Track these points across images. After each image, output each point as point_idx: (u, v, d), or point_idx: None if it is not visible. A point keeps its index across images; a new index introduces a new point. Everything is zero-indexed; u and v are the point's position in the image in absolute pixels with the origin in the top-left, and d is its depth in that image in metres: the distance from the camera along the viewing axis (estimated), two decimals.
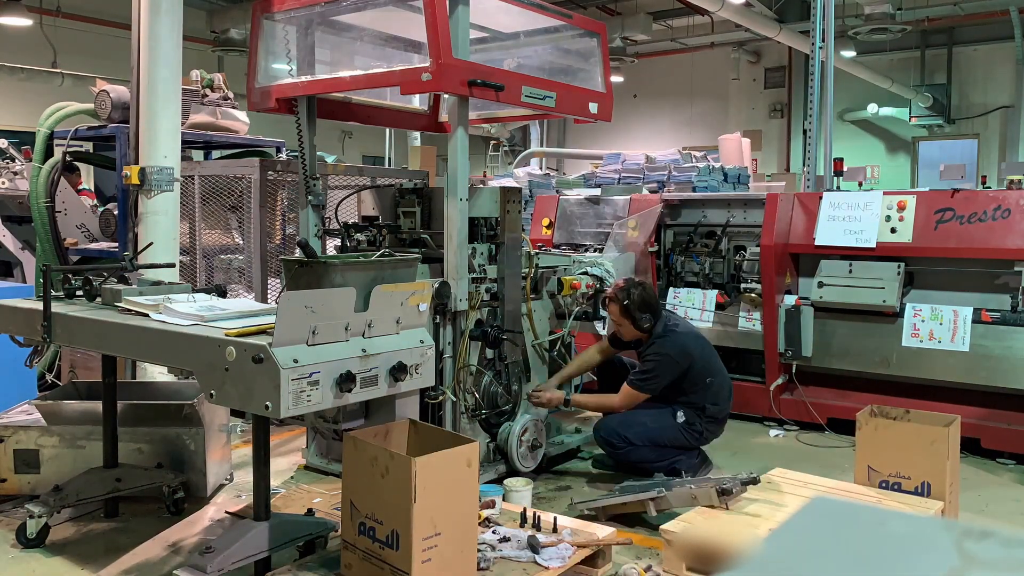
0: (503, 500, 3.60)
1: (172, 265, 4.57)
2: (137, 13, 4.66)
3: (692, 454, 4.46)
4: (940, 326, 5.03)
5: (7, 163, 7.36)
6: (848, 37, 13.93)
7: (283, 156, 6.71)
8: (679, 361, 4.38)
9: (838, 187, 8.38)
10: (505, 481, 3.93)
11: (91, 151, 6.96)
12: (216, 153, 6.74)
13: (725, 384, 4.57)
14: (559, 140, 21.66)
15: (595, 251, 6.25)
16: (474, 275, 4.13)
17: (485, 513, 3.34)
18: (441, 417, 4.04)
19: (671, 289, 6.13)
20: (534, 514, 3.35)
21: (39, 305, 3.33)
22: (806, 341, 5.47)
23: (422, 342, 3.00)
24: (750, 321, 5.72)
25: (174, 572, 2.84)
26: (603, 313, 4.83)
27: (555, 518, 3.34)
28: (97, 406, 3.78)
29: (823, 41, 7.47)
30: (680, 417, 4.38)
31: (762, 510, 3.43)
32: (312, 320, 2.64)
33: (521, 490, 3.85)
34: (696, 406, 4.41)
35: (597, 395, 4.71)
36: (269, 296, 5.35)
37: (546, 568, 2.99)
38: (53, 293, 3.38)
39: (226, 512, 3.82)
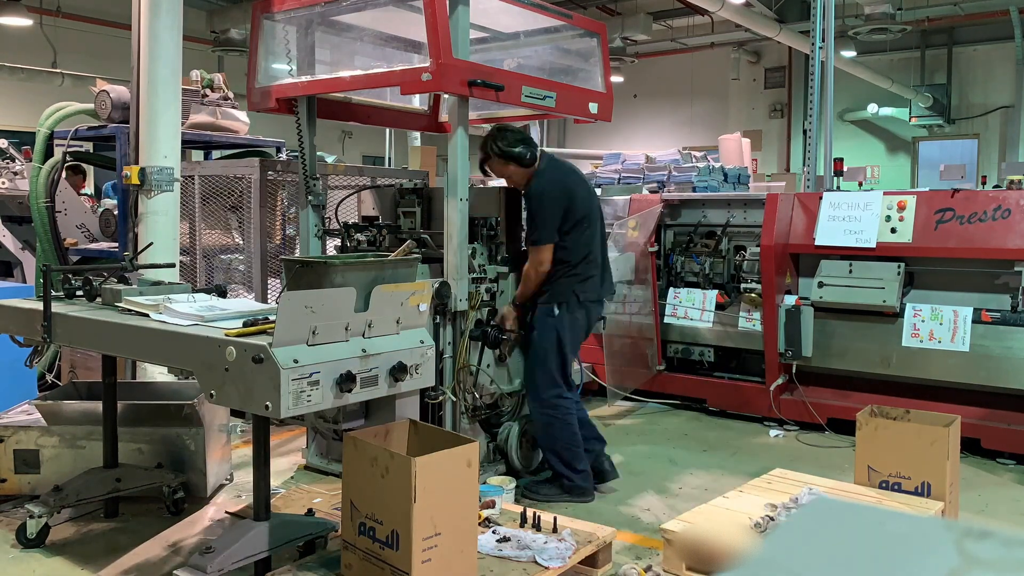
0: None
1: (172, 265, 4.57)
2: (137, 13, 4.66)
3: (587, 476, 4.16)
4: (940, 326, 5.03)
5: (7, 163, 7.36)
6: (848, 37, 13.92)
7: (283, 156, 6.71)
8: (558, 197, 4.07)
9: (838, 187, 8.39)
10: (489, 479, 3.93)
11: (91, 151, 6.97)
12: (216, 153, 6.74)
13: (596, 236, 4.23)
14: (559, 140, 21.65)
15: None
16: (474, 275, 4.13)
17: (485, 513, 3.34)
18: (441, 417, 4.04)
19: (671, 289, 6.13)
20: (534, 514, 3.35)
21: (39, 305, 3.33)
22: (806, 341, 5.47)
23: (422, 342, 3.00)
24: (750, 321, 5.72)
25: (174, 572, 2.84)
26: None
27: (555, 518, 3.34)
28: (97, 406, 3.78)
29: (823, 41, 7.47)
30: (556, 311, 4.10)
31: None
32: (312, 320, 2.64)
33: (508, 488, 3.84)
34: (571, 264, 4.08)
35: (522, 281, 4.25)
36: (269, 296, 5.35)
37: (546, 568, 2.99)
38: (53, 293, 3.38)
39: (226, 512, 3.82)
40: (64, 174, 5.67)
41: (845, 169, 10.44)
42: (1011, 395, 4.88)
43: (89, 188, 8.23)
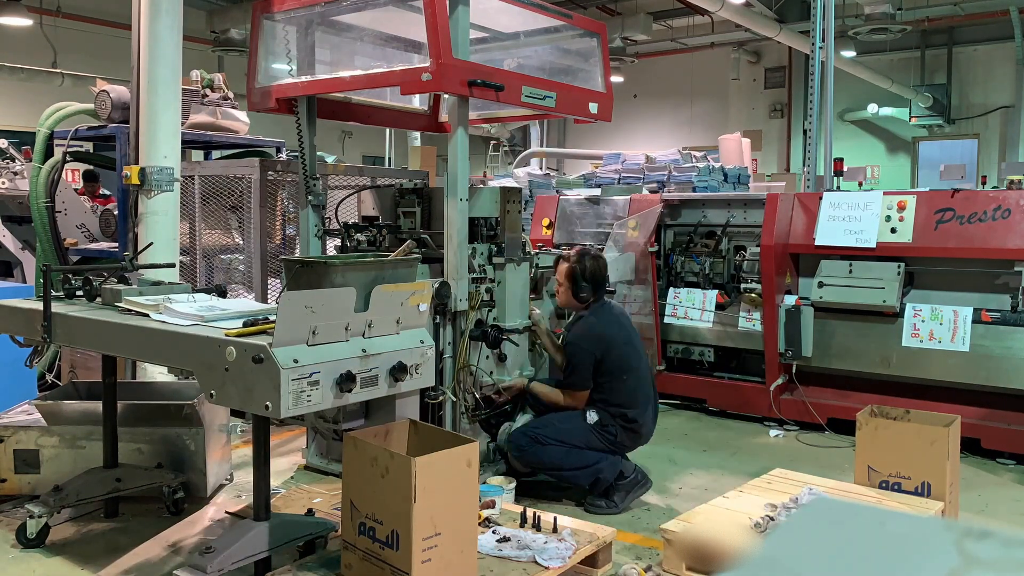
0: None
1: (172, 265, 4.57)
2: (137, 13, 4.66)
3: (615, 460, 4.07)
4: (940, 326, 5.03)
5: (7, 163, 7.36)
6: (848, 37, 13.93)
7: (283, 156, 6.71)
8: (589, 348, 4.08)
9: (838, 187, 8.39)
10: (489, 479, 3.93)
11: (91, 151, 6.97)
12: (216, 153, 6.74)
13: (642, 387, 4.17)
14: (559, 140, 21.66)
15: (595, 251, 6.24)
16: (474, 275, 4.13)
17: (485, 513, 3.34)
18: (441, 417, 4.04)
19: (671, 289, 6.13)
20: (534, 514, 3.35)
21: (39, 305, 3.33)
22: (806, 341, 5.47)
23: (422, 342, 3.00)
24: (750, 321, 5.72)
25: (174, 572, 2.84)
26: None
27: (555, 518, 3.34)
28: (97, 406, 3.78)
29: (823, 41, 7.47)
30: (591, 417, 4.05)
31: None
32: (312, 320, 2.64)
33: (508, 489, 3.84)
34: (610, 405, 4.07)
35: (553, 389, 4.27)
36: (269, 296, 5.35)
37: (546, 568, 2.99)
38: (53, 293, 3.38)
39: (226, 512, 3.82)
40: (77, 181, 5.66)
41: (845, 169, 10.44)
42: (1011, 395, 4.88)
43: (107, 191, 8.20)
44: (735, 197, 6.43)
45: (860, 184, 12.78)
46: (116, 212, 5.49)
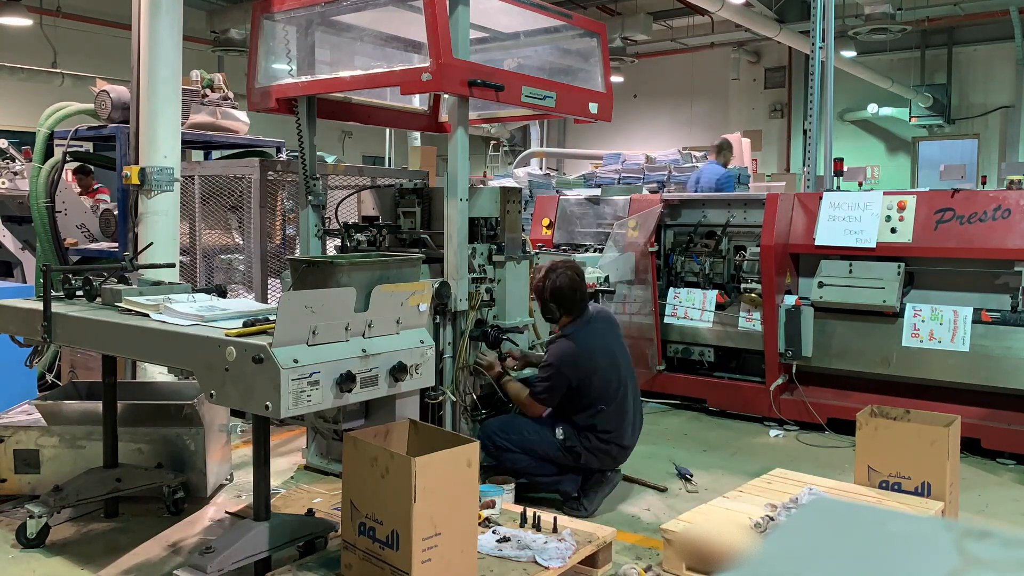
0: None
1: (172, 265, 4.57)
2: (137, 13, 4.66)
3: (575, 478, 3.97)
4: (940, 326, 5.03)
5: (7, 163, 7.36)
6: (848, 37, 13.93)
7: (283, 156, 6.71)
8: (565, 373, 3.90)
9: (838, 187, 8.39)
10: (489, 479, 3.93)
11: (91, 151, 6.97)
12: (216, 153, 6.74)
13: (624, 417, 3.99)
14: (559, 140, 21.65)
15: (595, 251, 6.25)
16: (474, 275, 4.13)
17: (485, 513, 3.34)
18: (441, 417, 4.04)
19: (671, 289, 6.13)
20: (534, 514, 3.35)
21: (39, 305, 3.33)
22: (806, 341, 5.47)
23: (422, 342, 3.00)
24: (750, 321, 5.72)
25: (174, 572, 2.84)
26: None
27: (555, 518, 3.34)
28: (97, 406, 3.78)
29: (823, 41, 7.47)
30: (559, 434, 3.93)
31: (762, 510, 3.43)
32: (312, 320, 2.64)
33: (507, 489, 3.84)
34: (580, 427, 3.93)
35: (522, 387, 4.11)
36: (269, 296, 5.35)
37: (546, 568, 2.99)
38: (53, 293, 3.38)
39: (226, 512, 3.83)
40: (72, 178, 5.66)
41: (845, 169, 10.45)
42: (1011, 395, 4.88)
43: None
44: (735, 197, 6.44)
45: (860, 184, 12.78)
46: (116, 212, 5.49)
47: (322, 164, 6.01)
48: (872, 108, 17.50)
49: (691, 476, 4.43)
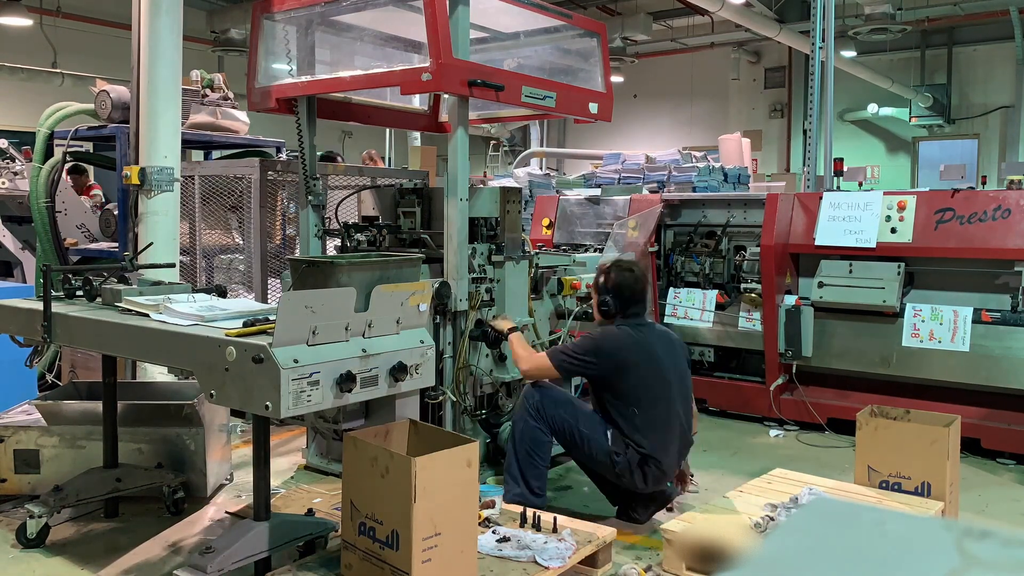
0: None
1: (172, 265, 4.57)
2: (137, 13, 4.66)
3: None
4: (940, 326, 5.03)
5: (7, 163, 7.37)
6: (848, 37, 13.93)
7: (283, 156, 6.71)
8: (598, 357, 3.66)
9: (838, 187, 8.39)
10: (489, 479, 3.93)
11: (91, 151, 6.97)
12: (216, 153, 6.74)
13: (658, 425, 3.65)
14: (559, 140, 21.65)
15: (595, 251, 6.25)
16: (474, 275, 4.13)
17: (485, 513, 3.34)
18: (441, 417, 4.04)
19: (671, 289, 6.13)
20: (534, 514, 3.35)
21: (39, 305, 3.33)
22: (806, 341, 5.47)
23: (422, 342, 3.00)
24: (750, 321, 5.72)
25: (174, 572, 2.84)
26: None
27: (555, 518, 3.34)
28: (97, 406, 3.78)
29: (823, 41, 7.47)
30: (609, 438, 3.66)
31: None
32: (312, 320, 2.64)
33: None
34: (624, 434, 3.64)
35: (527, 347, 3.98)
36: (269, 296, 5.35)
37: (546, 568, 2.99)
38: (53, 293, 3.38)
39: (226, 512, 3.83)
40: (66, 176, 5.66)
41: (845, 169, 10.44)
42: (1011, 395, 4.88)
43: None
44: (735, 197, 6.43)
45: (860, 184, 12.78)
46: (116, 212, 5.49)
47: (322, 164, 6.01)
48: (872, 108, 17.50)
49: (692, 476, 4.39)
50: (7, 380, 4.76)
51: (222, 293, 3.54)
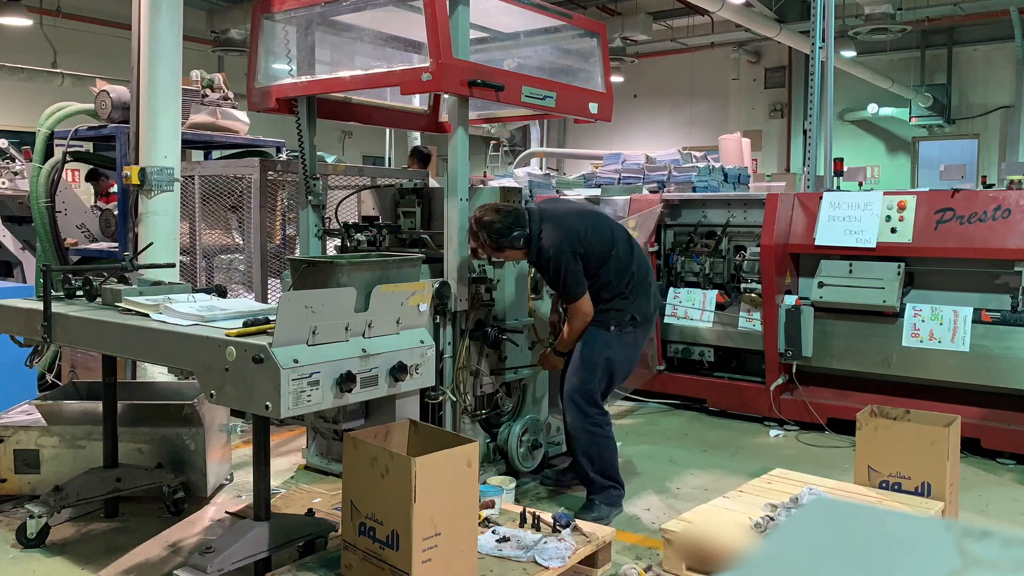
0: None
1: (172, 265, 4.57)
2: (137, 13, 4.66)
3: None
4: (940, 326, 5.02)
5: (7, 163, 7.36)
6: (848, 37, 13.93)
7: (283, 156, 6.71)
8: (572, 248, 3.81)
9: (838, 187, 8.38)
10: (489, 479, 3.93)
11: (91, 151, 6.97)
12: (216, 153, 6.74)
13: (632, 280, 3.97)
14: (559, 140, 21.65)
15: None
16: (474, 275, 4.13)
17: (485, 513, 3.34)
18: (441, 417, 4.04)
19: (671, 289, 6.13)
20: (534, 514, 3.35)
21: (39, 305, 3.33)
22: (806, 341, 5.47)
23: (422, 342, 3.00)
24: (750, 321, 5.72)
25: (174, 572, 2.84)
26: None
27: (555, 518, 3.34)
28: (97, 406, 3.78)
29: (823, 41, 7.47)
30: (612, 330, 3.92)
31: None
32: (312, 320, 2.64)
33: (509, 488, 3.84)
34: (617, 311, 3.92)
35: (569, 325, 4.04)
36: (269, 296, 5.35)
37: (546, 568, 2.99)
38: (53, 293, 3.38)
39: (226, 512, 3.83)
40: (84, 181, 5.66)
41: (845, 169, 10.44)
42: (1011, 395, 4.88)
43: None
44: (735, 197, 6.43)
45: (860, 184, 12.77)
46: (116, 212, 5.49)
47: (322, 164, 6.01)
48: (872, 108, 17.50)
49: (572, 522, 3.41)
50: (7, 380, 4.76)
51: (222, 293, 3.54)
